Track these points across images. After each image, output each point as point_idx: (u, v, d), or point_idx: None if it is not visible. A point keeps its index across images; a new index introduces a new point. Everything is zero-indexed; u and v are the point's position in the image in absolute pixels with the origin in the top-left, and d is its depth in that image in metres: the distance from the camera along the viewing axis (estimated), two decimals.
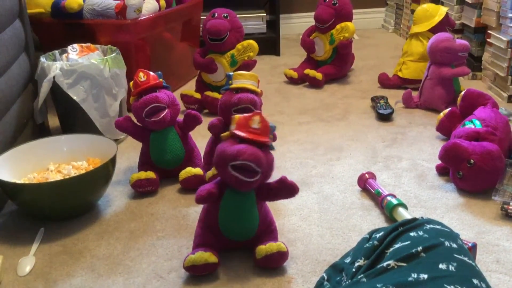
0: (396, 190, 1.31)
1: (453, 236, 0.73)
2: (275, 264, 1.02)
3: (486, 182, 1.26)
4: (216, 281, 1.01)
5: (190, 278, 1.02)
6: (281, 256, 1.02)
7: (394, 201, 1.17)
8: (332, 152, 1.57)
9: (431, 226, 0.74)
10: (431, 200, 1.27)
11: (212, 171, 1.32)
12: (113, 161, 1.27)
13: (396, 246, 0.71)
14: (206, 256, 1.00)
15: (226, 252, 1.07)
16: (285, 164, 1.50)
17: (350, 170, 1.44)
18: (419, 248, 0.68)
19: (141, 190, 1.35)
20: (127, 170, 1.49)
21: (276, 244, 1.02)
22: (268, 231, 1.07)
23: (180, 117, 1.41)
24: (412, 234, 0.73)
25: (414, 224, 0.75)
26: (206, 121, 1.40)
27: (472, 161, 1.24)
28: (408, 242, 0.71)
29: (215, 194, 1.01)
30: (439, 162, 1.43)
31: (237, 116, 1.01)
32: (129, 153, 1.59)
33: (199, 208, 1.24)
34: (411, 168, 1.44)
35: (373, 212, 1.23)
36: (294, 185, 1.04)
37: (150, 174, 1.35)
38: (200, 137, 1.53)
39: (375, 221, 1.19)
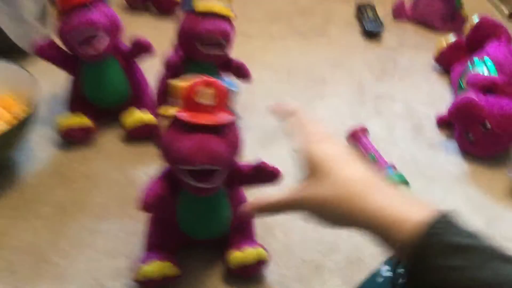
0: (390, 149, 1.09)
1: None
2: (252, 273, 0.81)
3: (498, 148, 1.06)
4: None
5: None
6: (261, 265, 0.80)
7: (395, 178, 0.96)
8: (313, 86, 1.29)
9: None
10: (431, 166, 1.06)
11: (171, 109, 1.02)
12: (35, 109, 0.94)
13: None
14: (165, 268, 0.76)
15: (188, 250, 0.84)
16: (257, 101, 1.22)
17: (335, 115, 1.19)
18: None
19: (73, 140, 1.04)
20: (51, 102, 1.15)
21: (255, 251, 0.79)
22: (243, 226, 0.83)
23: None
24: None
25: None
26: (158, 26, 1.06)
27: (488, 125, 1.02)
28: None
29: (165, 197, 0.74)
30: (436, 106, 1.21)
31: (180, 86, 0.70)
32: (52, 75, 1.21)
33: (152, 170, 0.98)
34: (405, 115, 1.20)
35: None
36: (275, 171, 0.78)
37: (85, 121, 1.03)
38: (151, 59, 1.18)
39: None
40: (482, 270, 0.37)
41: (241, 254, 0.78)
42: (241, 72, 1.07)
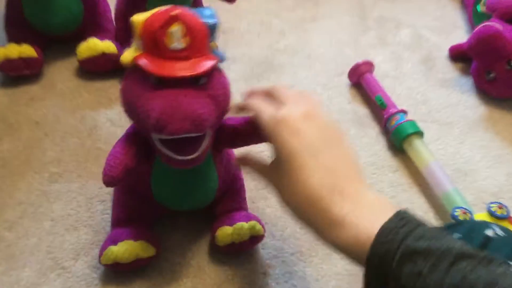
0: (397, 85, 0.94)
1: None
2: (245, 250, 0.68)
3: None
4: (153, 276, 0.65)
5: (110, 272, 0.65)
6: (254, 242, 0.67)
7: (408, 128, 0.81)
8: (304, 5, 1.09)
9: None
10: (445, 108, 0.92)
11: (132, 52, 0.83)
12: None
13: None
14: (138, 248, 0.61)
15: (166, 220, 0.69)
16: (240, 24, 1.02)
17: (332, 43, 1.01)
18: None
19: (14, 74, 0.84)
20: None
21: (247, 226, 0.64)
22: (231, 192, 0.68)
23: None
24: None
25: None
26: None
27: None
28: None
29: (133, 166, 0.57)
30: (447, 34, 1.05)
31: (138, 21, 0.52)
32: None
33: (116, 113, 0.81)
34: (414, 43, 1.04)
35: (370, 131, 0.86)
36: None
37: (27, 51, 0.82)
38: None
39: (375, 147, 0.84)
40: (446, 274, 0.35)
41: (230, 230, 0.64)
42: None
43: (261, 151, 0.78)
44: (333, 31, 1.04)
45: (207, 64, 0.52)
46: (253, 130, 0.61)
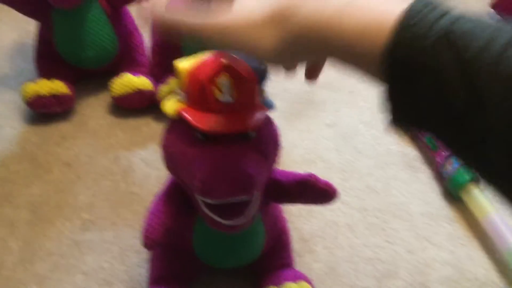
0: None
1: None
2: None
3: None
4: None
5: None
6: None
7: (465, 175, 0.75)
8: None
9: None
10: None
11: (169, 87, 0.78)
12: None
13: None
14: None
15: (207, 278, 0.64)
16: None
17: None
18: None
19: (45, 111, 0.80)
20: (17, 60, 0.89)
21: (296, 286, 0.58)
22: (277, 247, 0.63)
23: None
24: None
25: None
26: None
27: None
28: None
29: (173, 226, 0.52)
30: None
31: (183, 70, 0.47)
32: (19, 23, 0.94)
33: (152, 153, 0.77)
34: None
35: (421, 175, 0.80)
36: (328, 190, 0.56)
37: (59, 87, 0.78)
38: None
39: (430, 195, 0.77)
40: (498, 60, 0.26)
41: None
42: None
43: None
44: None
45: (258, 117, 0.48)
46: (300, 192, 0.56)
